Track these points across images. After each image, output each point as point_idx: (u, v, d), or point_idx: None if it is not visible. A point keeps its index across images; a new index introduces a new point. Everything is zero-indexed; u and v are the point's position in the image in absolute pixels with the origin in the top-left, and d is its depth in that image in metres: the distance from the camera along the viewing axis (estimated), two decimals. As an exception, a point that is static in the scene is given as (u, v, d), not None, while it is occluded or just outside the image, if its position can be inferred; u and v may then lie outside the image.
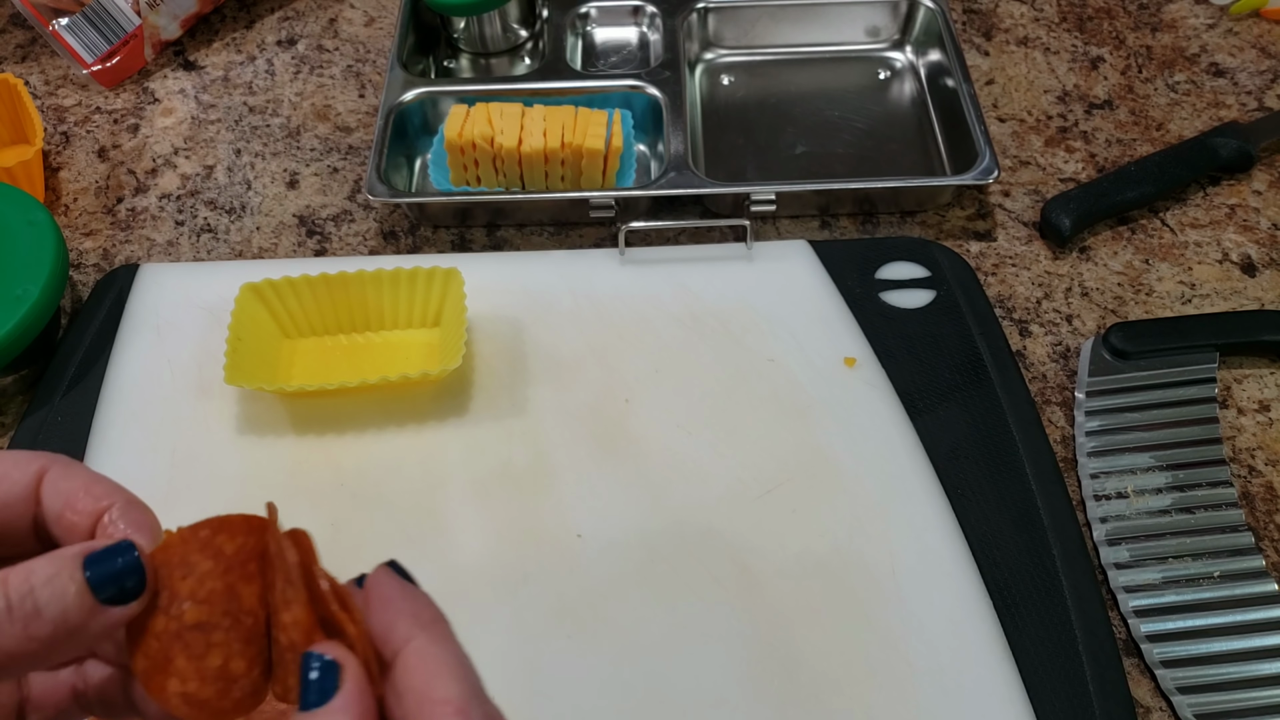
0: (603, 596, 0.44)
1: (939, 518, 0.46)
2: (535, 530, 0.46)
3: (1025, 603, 0.44)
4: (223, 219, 0.62)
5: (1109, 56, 0.69)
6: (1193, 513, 0.48)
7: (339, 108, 0.68)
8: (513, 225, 0.61)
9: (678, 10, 0.68)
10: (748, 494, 0.47)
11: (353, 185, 0.63)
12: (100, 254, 0.60)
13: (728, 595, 0.44)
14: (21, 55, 0.72)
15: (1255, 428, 0.52)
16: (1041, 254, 0.59)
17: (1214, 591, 0.45)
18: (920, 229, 0.60)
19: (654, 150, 0.64)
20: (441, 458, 0.49)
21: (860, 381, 0.51)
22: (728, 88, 0.69)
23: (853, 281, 0.55)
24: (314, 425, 0.50)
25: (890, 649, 0.43)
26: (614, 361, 0.52)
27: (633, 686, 0.42)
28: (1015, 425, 0.49)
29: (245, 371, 0.49)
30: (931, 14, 0.68)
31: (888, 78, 0.69)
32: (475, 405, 0.50)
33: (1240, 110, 0.66)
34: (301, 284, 0.52)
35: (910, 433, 0.49)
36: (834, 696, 0.41)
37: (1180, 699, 0.43)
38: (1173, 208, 0.61)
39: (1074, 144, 0.64)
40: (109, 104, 0.69)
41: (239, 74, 0.70)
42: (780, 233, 0.60)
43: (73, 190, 0.64)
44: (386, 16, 0.74)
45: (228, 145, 0.66)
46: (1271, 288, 0.57)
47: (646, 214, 0.61)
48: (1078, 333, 0.55)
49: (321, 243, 0.61)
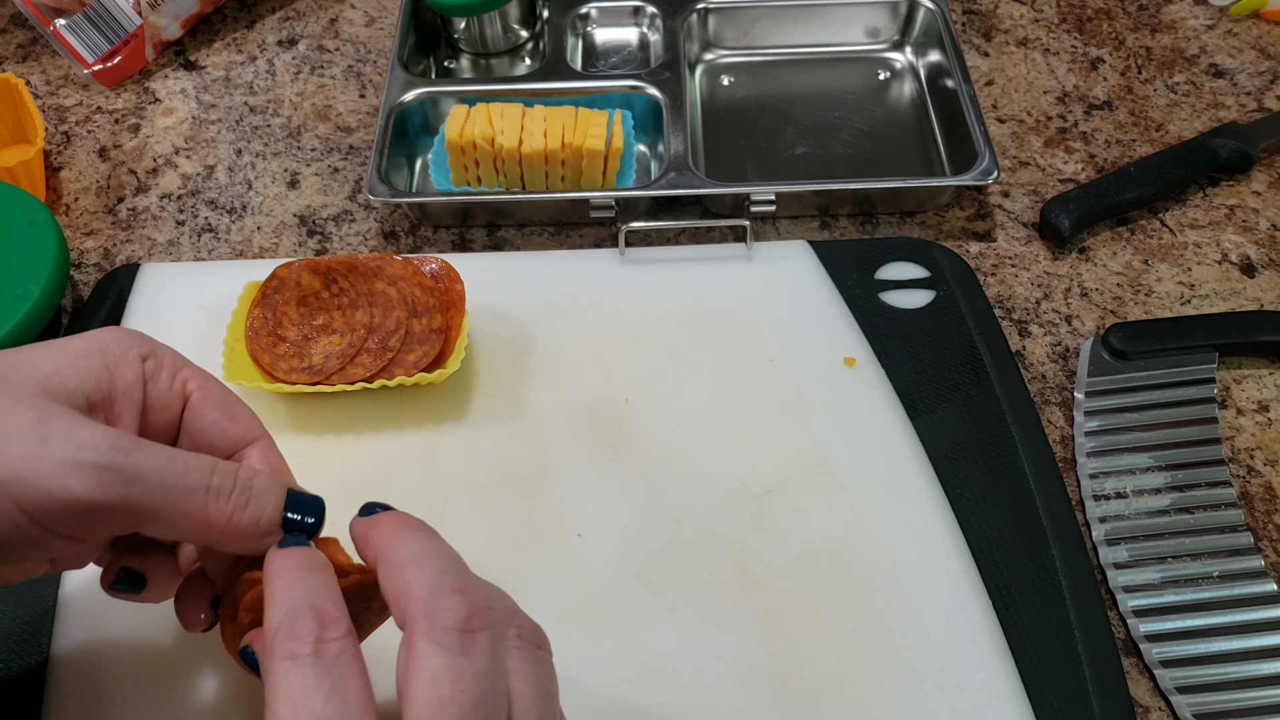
0: (603, 596, 0.44)
1: (938, 517, 0.46)
2: (535, 530, 0.46)
3: (1024, 602, 0.44)
4: (223, 219, 0.62)
5: (1109, 57, 0.69)
6: (1192, 513, 0.48)
7: (340, 108, 0.68)
8: (513, 225, 0.61)
9: (678, 11, 0.68)
10: (748, 494, 0.47)
11: (353, 185, 0.64)
12: (101, 253, 0.61)
13: (728, 595, 0.44)
14: (22, 55, 0.72)
15: (1254, 428, 0.52)
16: (1041, 254, 0.59)
17: (1213, 591, 0.46)
18: (920, 229, 0.60)
19: (654, 150, 0.64)
20: (441, 457, 0.49)
21: (860, 381, 0.51)
22: (728, 88, 0.69)
23: (852, 282, 0.55)
24: (314, 425, 0.50)
25: (889, 648, 0.43)
26: (614, 361, 0.52)
27: (633, 686, 0.42)
28: (1014, 425, 0.49)
29: (245, 370, 0.49)
30: (931, 15, 0.68)
31: (887, 78, 0.69)
32: (475, 405, 0.50)
33: (1240, 111, 0.66)
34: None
35: (910, 433, 0.49)
36: (833, 696, 0.42)
37: (1179, 699, 0.43)
38: (1172, 208, 0.61)
39: (1073, 145, 0.64)
40: (110, 104, 0.69)
41: (240, 74, 0.70)
42: (780, 233, 0.61)
43: (74, 190, 0.64)
44: (387, 17, 0.74)
45: (228, 145, 0.66)
46: (1270, 288, 0.57)
47: (646, 214, 0.61)
48: (1077, 333, 0.55)
49: (322, 242, 0.61)
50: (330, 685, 0.27)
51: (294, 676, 0.27)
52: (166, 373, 0.35)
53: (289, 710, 0.27)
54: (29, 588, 0.44)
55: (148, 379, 0.34)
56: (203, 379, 0.36)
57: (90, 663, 0.42)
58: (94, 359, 0.33)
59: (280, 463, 0.36)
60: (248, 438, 0.36)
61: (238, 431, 0.36)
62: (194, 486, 0.31)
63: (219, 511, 0.31)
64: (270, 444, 0.36)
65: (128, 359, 0.33)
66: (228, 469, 0.32)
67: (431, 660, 0.27)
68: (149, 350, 0.34)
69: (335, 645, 0.28)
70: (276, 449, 0.36)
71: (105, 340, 0.34)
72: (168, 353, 0.35)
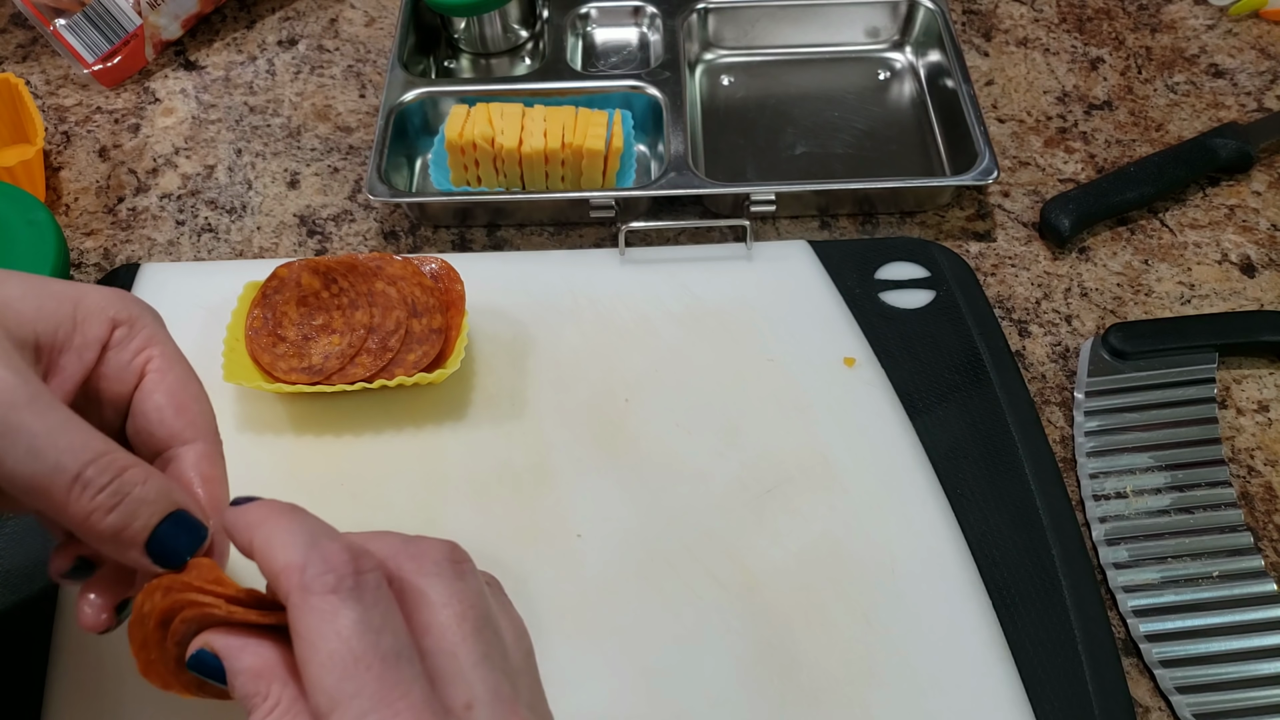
0: (603, 596, 0.44)
1: (938, 517, 0.46)
2: (535, 530, 0.46)
3: (1024, 602, 0.44)
4: (223, 219, 0.62)
5: (1108, 57, 0.69)
6: (1192, 513, 0.48)
7: (339, 108, 0.68)
8: (513, 225, 0.61)
9: (678, 11, 0.68)
10: (748, 494, 0.47)
11: (353, 185, 0.64)
12: (101, 253, 0.61)
13: (728, 595, 0.44)
14: (22, 55, 0.72)
15: (1254, 428, 0.52)
16: (1041, 254, 0.59)
17: (1213, 591, 0.46)
18: (920, 229, 0.60)
19: (654, 150, 0.64)
20: (441, 457, 0.49)
21: (859, 381, 0.51)
22: (728, 88, 0.69)
23: (852, 281, 0.55)
24: (314, 425, 0.50)
25: (889, 648, 0.43)
26: (614, 361, 0.52)
27: (632, 686, 0.42)
28: (1014, 425, 0.49)
29: (245, 370, 0.49)
30: (931, 15, 0.68)
31: (887, 78, 0.69)
32: (475, 405, 0.50)
33: (1239, 111, 0.66)
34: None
35: (909, 432, 0.49)
36: (833, 696, 0.42)
37: (1179, 699, 0.43)
38: (1172, 208, 0.61)
39: (1073, 144, 0.64)
40: (110, 104, 0.69)
41: (240, 74, 0.70)
42: (780, 233, 0.61)
43: (73, 190, 0.64)
44: (387, 17, 0.74)
45: (228, 145, 0.66)
46: (1270, 288, 0.57)
47: (646, 214, 0.61)
48: (1077, 333, 0.55)
49: (322, 242, 0.61)
50: (381, 617, 0.26)
51: (343, 611, 0.25)
52: (135, 345, 0.33)
53: (345, 647, 0.25)
54: (29, 584, 0.44)
55: (111, 345, 0.32)
56: (167, 362, 0.33)
57: (91, 657, 0.42)
58: (65, 304, 0.31)
59: (214, 473, 0.33)
60: (186, 436, 0.33)
61: (178, 426, 0.33)
62: (63, 467, 0.28)
63: (79, 504, 0.29)
64: (212, 451, 0.34)
65: (98, 318, 0.32)
66: (111, 464, 0.29)
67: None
68: (127, 317, 0.32)
69: (374, 576, 0.27)
70: (217, 458, 0.34)
71: (88, 293, 0.32)
72: (148, 327, 0.33)
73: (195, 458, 0.33)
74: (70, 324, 0.31)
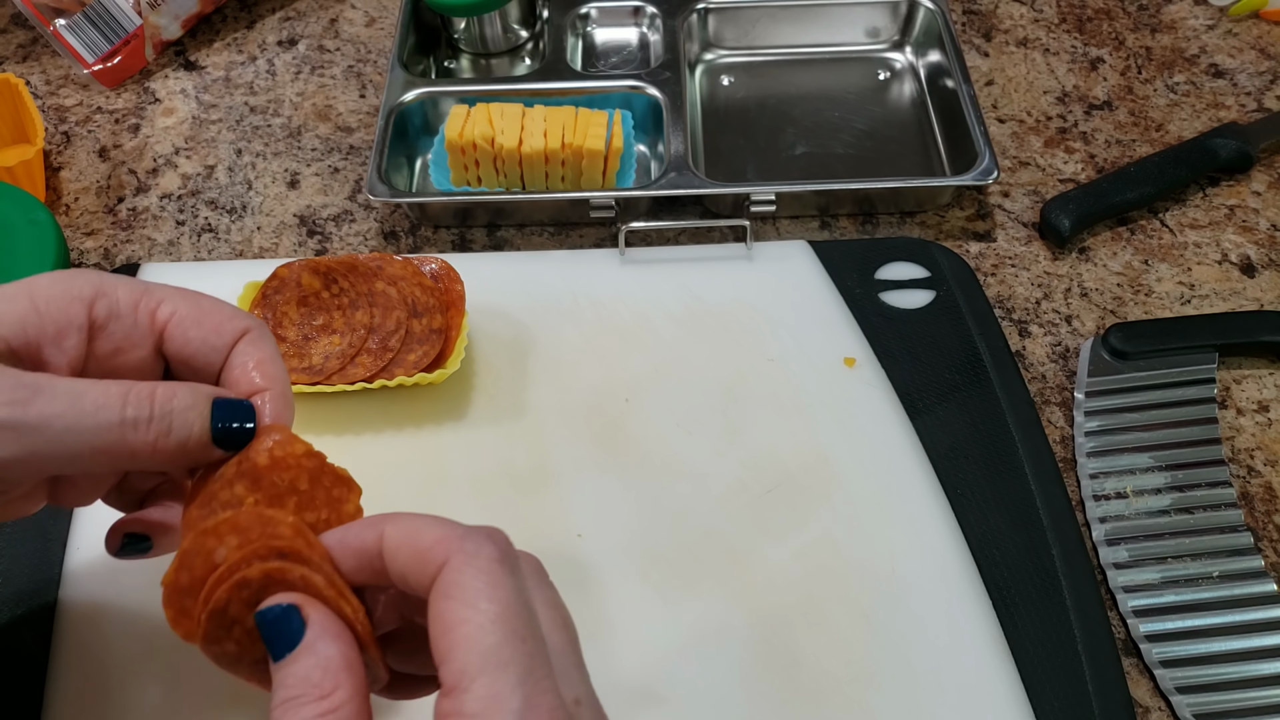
0: (603, 596, 0.44)
1: (938, 517, 0.46)
2: (535, 530, 0.46)
3: (1024, 602, 0.44)
4: (224, 219, 0.62)
5: (1108, 57, 0.69)
6: (1192, 513, 0.48)
7: (340, 108, 0.68)
8: (513, 225, 0.61)
9: (678, 11, 0.68)
10: (748, 494, 0.47)
11: (353, 185, 0.64)
12: (101, 254, 0.61)
13: (728, 595, 0.44)
14: (23, 55, 0.72)
15: (1254, 428, 0.52)
16: (1041, 254, 0.59)
17: (1213, 591, 0.46)
18: (920, 229, 0.60)
19: (654, 150, 0.64)
20: (441, 457, 0.49)
21: (860, 381, 0.51)
22: (728, 88, 0.69)
23: (852, 282, 0.55)
24: (314, 425, 0.50)
25: (889, 648, 0.43)
26: (614, 361, 0.52)
27: (632, 686, 0.42)
28: (1014, 425, 0.49)
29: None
30: (931, 15, 0.68)
31: (887, 78, 0.69)
32: (475, 405, 0.50)
33: (1239, 111, 0.66)
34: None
35: (910, 433, 0.49)
36: (833, 696, 0.42)
37: (1179, 699, 0.43)
38: (1172, 208, 0.61)
39: (1073, 145, 0.64)
40: (110, 104, 0.69)
41: (240, 74, 0.70)
42: (780, 233, 0.61)
43: (74, 190, 0.64)
44: (387, 17, 0.74)
45: (229, 145, 0.66)
46: (1270, 288, 0.57)
47: (646, 214, 0.61)
48: (1077, 333, 0.56)
49: (322, 243, 0.61)
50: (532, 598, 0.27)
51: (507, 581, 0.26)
52: (128, 309, 0.32)
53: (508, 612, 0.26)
54: (29, 580, 0.44)
55: (102, 322, 0.32)
56: (174, 301, 0.33)
57: (92, 652, 0.42)
58: (20, 303, 0.31)
59: (266, 353, 0.33)
60: (223, 342, 0.33)
61: (224, 339, 0.33)
62: (106, 423, 0.29)
63: (141, 442, 0.29)
64: (258, 333, 0.34)
65: (64, 303, 0.31)
66: (142, 395, 0.30)
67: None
68: (97, 292, 0.32)
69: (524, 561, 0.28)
70: (259, 340, 0.34)
71: (37, 285, 0.31)
72: (125, 287, 0.33)
73: (240, 353, 0.33)
74: (35, 318, 0.31)
